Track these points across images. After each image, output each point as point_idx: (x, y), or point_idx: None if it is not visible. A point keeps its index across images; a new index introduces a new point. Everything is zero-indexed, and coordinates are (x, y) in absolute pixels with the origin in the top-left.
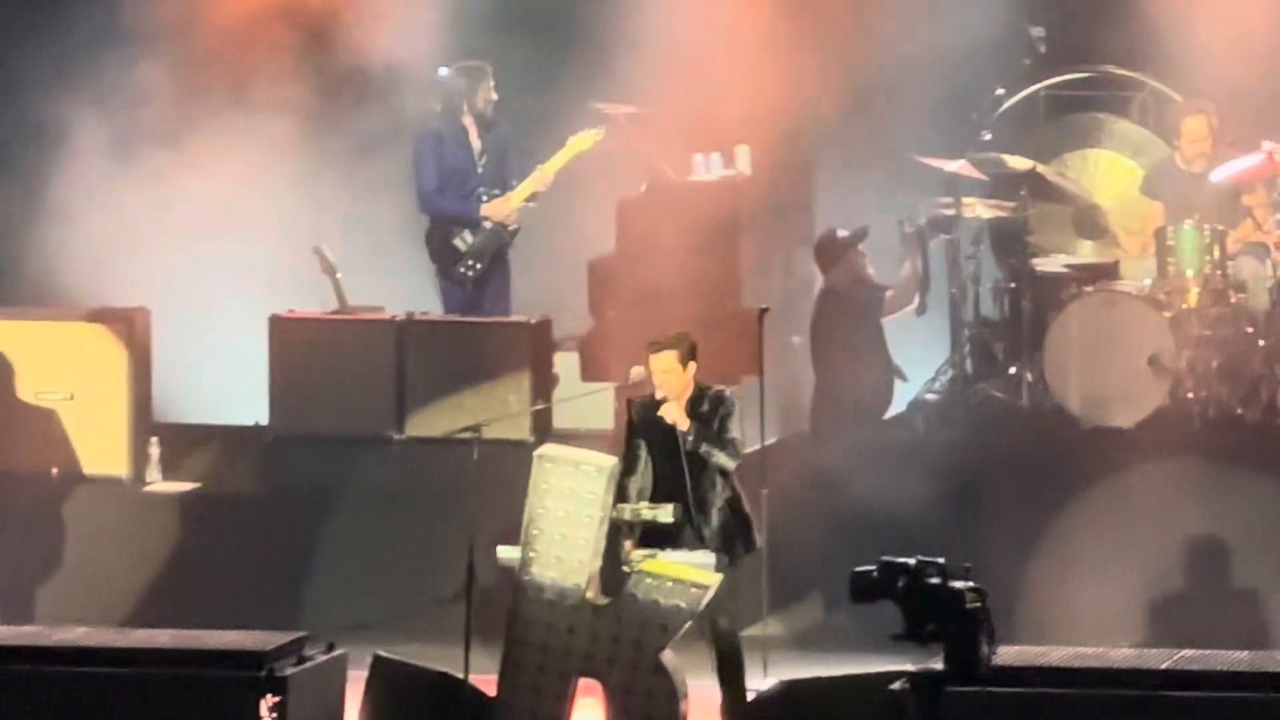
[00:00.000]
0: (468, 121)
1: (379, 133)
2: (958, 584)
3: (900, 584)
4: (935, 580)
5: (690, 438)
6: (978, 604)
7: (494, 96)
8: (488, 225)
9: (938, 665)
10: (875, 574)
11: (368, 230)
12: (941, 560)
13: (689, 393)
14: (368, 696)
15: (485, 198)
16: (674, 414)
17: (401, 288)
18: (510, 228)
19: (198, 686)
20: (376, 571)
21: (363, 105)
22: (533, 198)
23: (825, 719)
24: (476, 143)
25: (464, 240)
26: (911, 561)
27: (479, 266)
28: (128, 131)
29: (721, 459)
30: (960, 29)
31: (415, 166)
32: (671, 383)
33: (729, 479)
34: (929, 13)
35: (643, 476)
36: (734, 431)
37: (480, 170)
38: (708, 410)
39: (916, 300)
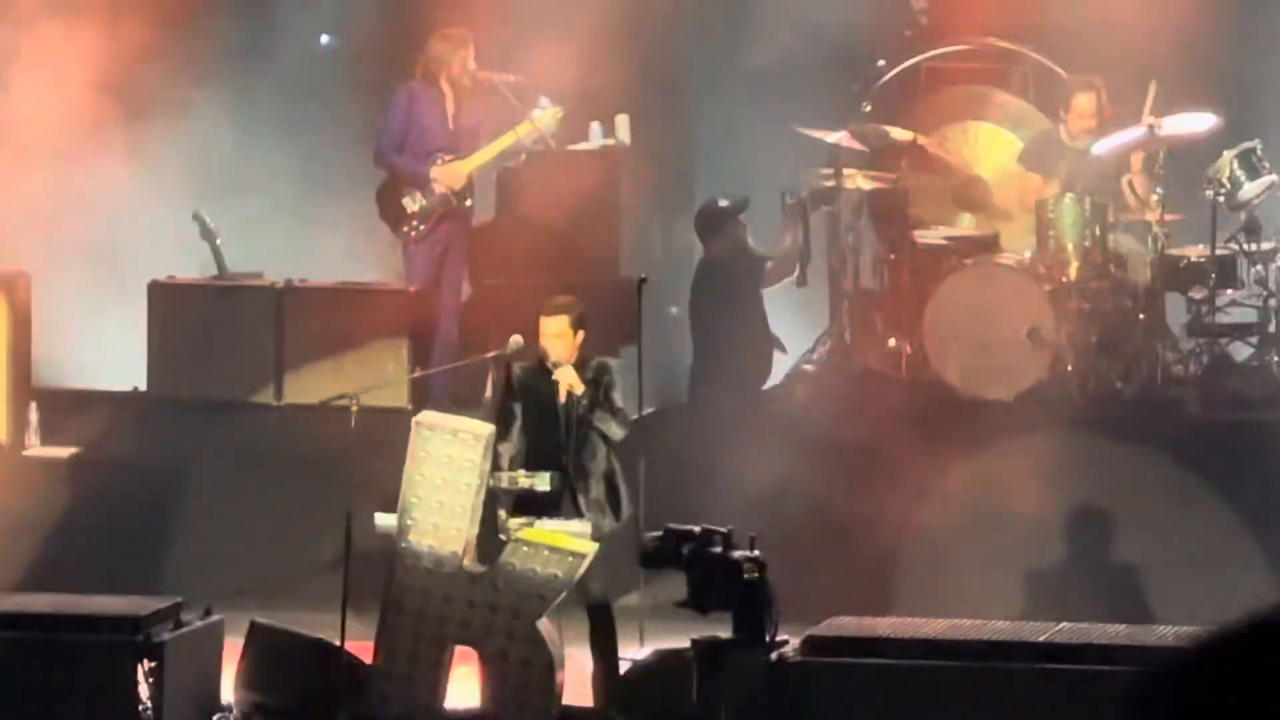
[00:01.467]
0: (445, 86)
1: (262, 92)
2: (738, 554)
3: (685, 552)
4: (717, 550)
5: (584, 404)
6: (755, 574)
7: (473, 66)
8: (438, 189)
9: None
10: (661, 541)
11: (249, 194)
12: (727, 529)
13: (573, 361)
14: (244, 662)
15: (440, 163)
16: (569, 378)
17: (282, 253)
18: (463, 198)
19: (75, 651)
20: (255, 538)
21: (245, 63)
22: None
23: (700, 688)
24: (450, 108)
25: (413, 200)
26: (696, 529)
27: (421, 228)
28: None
29: (612, 427)
30: (843, 0)
31: (384, 116)
32: (561, 347)
33: (610, 450)
34: None
35: (516, 443)
36: (619, 401)
37: (449, 136)
38: (592, 379)
39: (797, 272)
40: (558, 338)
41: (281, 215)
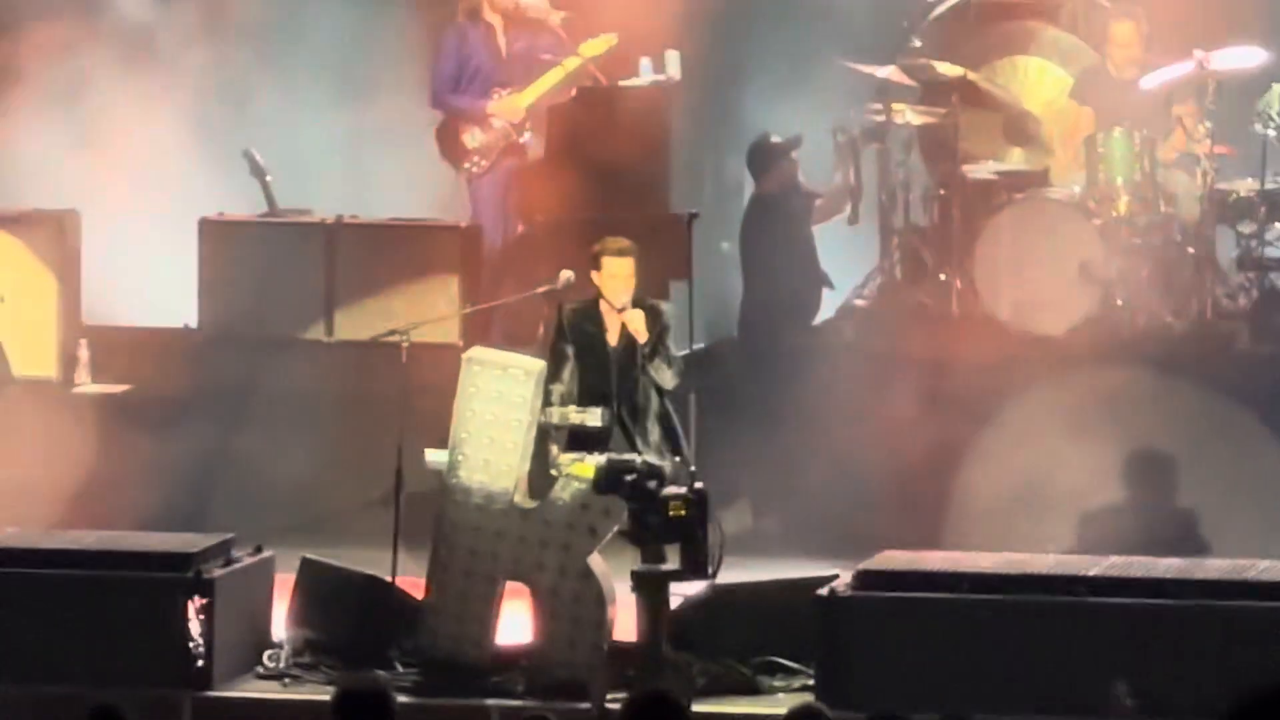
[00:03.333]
0: (494, 19)
1: (306, 33)
2: (670, 490)
3: (626, 483)
4: (652, 485)
5: (647, 350)
6: (682, 512)
7: None
8: (496, 124)
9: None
10: (607, 470)
11: (299, 134)
12: (663, 465)
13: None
14: (295, 599)
15: (497, 97)
16: (638, 323)
17: (333, 191)
18: (521, 131)
19: (126, 588)
20: (306, 475)
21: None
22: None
23: (752, 623)
24: (501, 41)
25: (473, 136)
26: (636, 461)
27: (483, 164)
28: (45, 40)
29: (666, 377)
30: None
31: (435, 60)
32: (627, 289)
33: (662, 393)
34: None
35: (568, 382)
36: (673, 349)
37: (503, 69)
38: (648, 324)
39: (849, 209)
40: (629, 278)
41: (332, 155)
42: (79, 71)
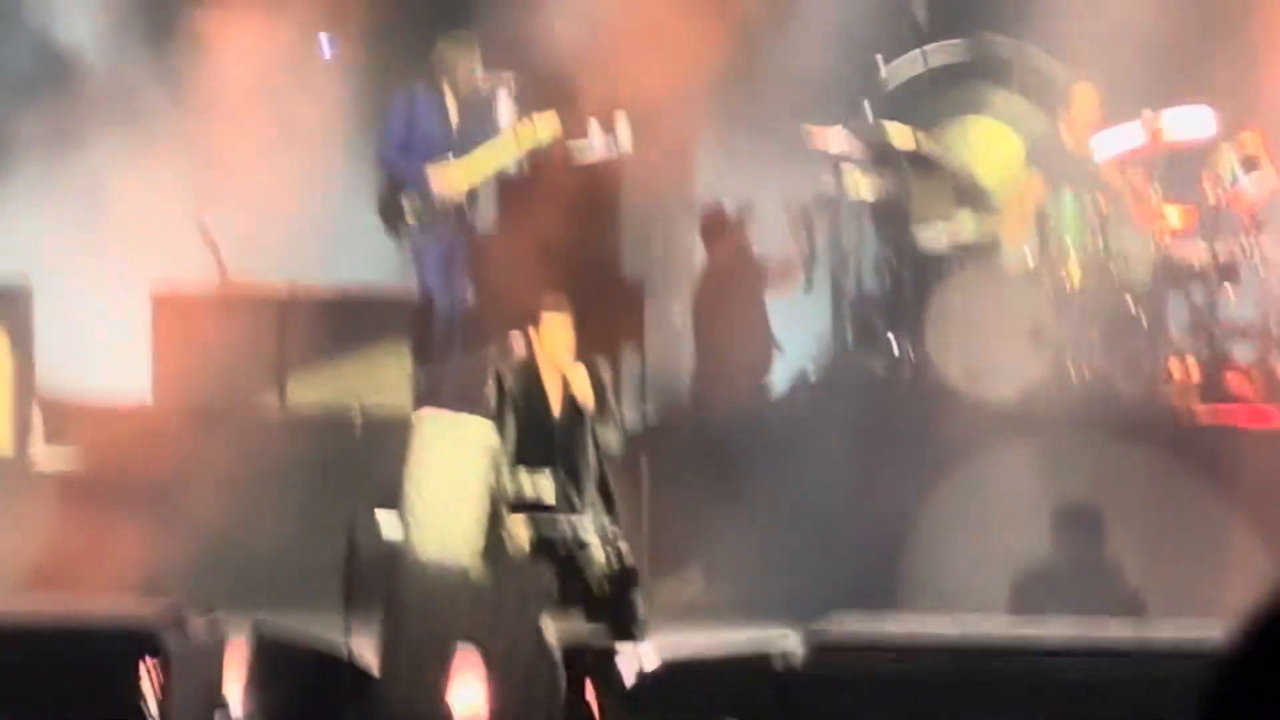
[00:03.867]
0: (448, 91)
1: (260, 93)
2: (597, 568)
3: (556, 555)
4: (579, 556)
5: (594, 412)
6: (606, 592)
7: (478, 70)
8: (436, 192)
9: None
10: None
11: (255, 196)
12: (590, 533)
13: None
14: (249, 666)
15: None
16: (582, 382)
17: (288, 252)
18: (467, 204)
19: (80, 653)
20: (261, 542)
21: (240, 67)
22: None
23: (707, 691)
24: (453, 113)
25: (411, 201)
26: (566, 533)
27: (418, 230)
28: None
29: (614, 440)
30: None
31: (386, 122)
32: (569, 343)
33: (603, 458)
34: None
35: (510, 440)
36: (614, 406)
37: (451, 141)
38: (590, 379)
39: (803, 277)
40: (565, 332)
41: (281, 219)
42: (33, 135)
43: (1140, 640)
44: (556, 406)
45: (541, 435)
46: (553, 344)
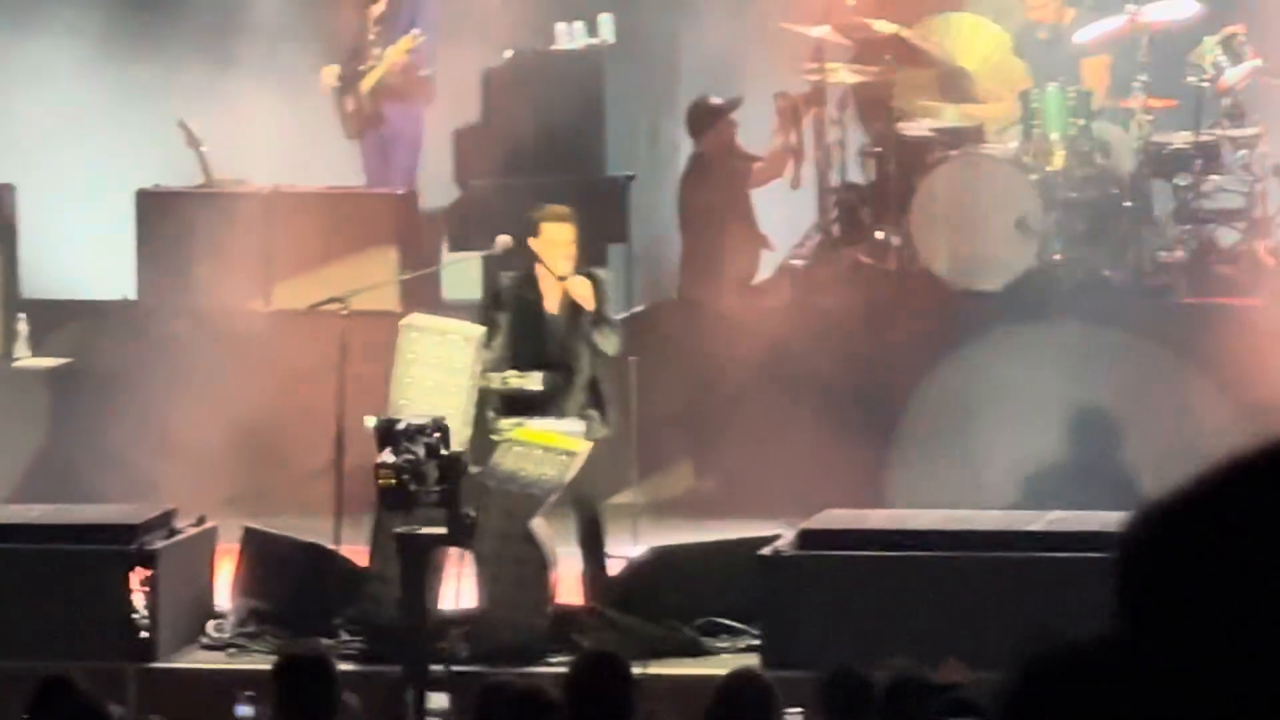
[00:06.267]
0: None
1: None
2: (384, 458)
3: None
4: (419, 447)
5: (592, 319)
6: (392, 481)
7: None
8: (363, 91)
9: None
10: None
11: (234, 102)
12: (432, 429)
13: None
14: (240, 569)
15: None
16: (584, 291)
17: (271, 158)
18: (375, 99)
19: (69, 560)
20: (248, 445)
21: None
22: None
23: (695, 584)
24: (373, 10)
25: (346, 102)
26: (403, 423)
27: (353, 128)
28: None
29: (610, 343)
30: None
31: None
32: (571, 256)
33: (595, 359)
34: None
35: (500, 349)
36: (613, 315)
37: (379, 39)
38: (593, 291)
39: (791, 172)
40: (570, 244)
41: (269, 126)
42: (7, 44)
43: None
44: (554, 310)
45: (536, 340)
46: (554, 253)
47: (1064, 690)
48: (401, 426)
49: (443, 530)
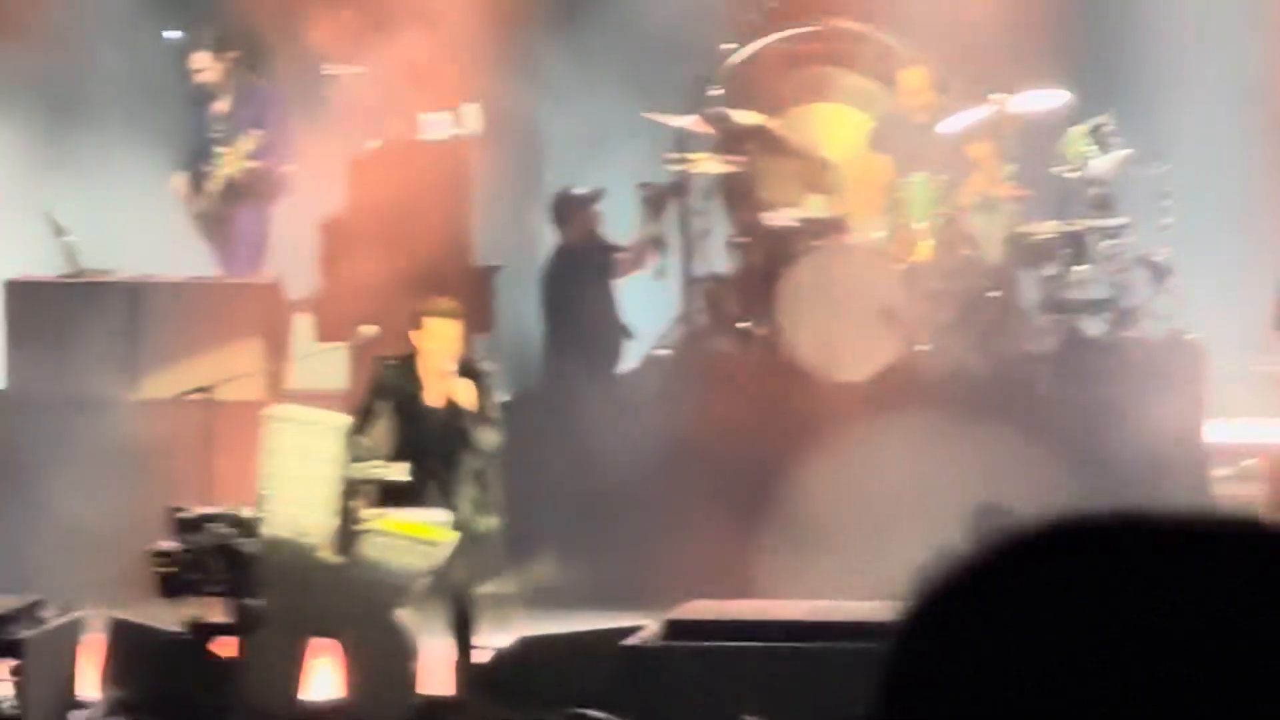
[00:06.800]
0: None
1: (105, 93)
2: (162, 545)
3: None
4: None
5: (474, 415)
6: (174, 570)
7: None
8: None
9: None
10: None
11: (102, 191)
12: (227, 519)
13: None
14: (108, 659)
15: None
16: (468, 396)
17: (138, 249)
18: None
19: None
20: (115, 530)
21: (87, 67)
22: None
23: (561, 672)
24: (224, 104)
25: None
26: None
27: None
28: None
29: (491, 440)
30: None
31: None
32: (456, 354)
33: (481, 452)
34: None
35: (377, 438)
36: (493, 410)
37: (212, 140)
38: (477, 390)
39: (656, 262)
40: (454, 342)
41: (130, 215)
42: None
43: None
44: (434, 403)
45: (416, 431)
46: (439, 348)
47: None
48: (189, 515)
49: (228, 620)
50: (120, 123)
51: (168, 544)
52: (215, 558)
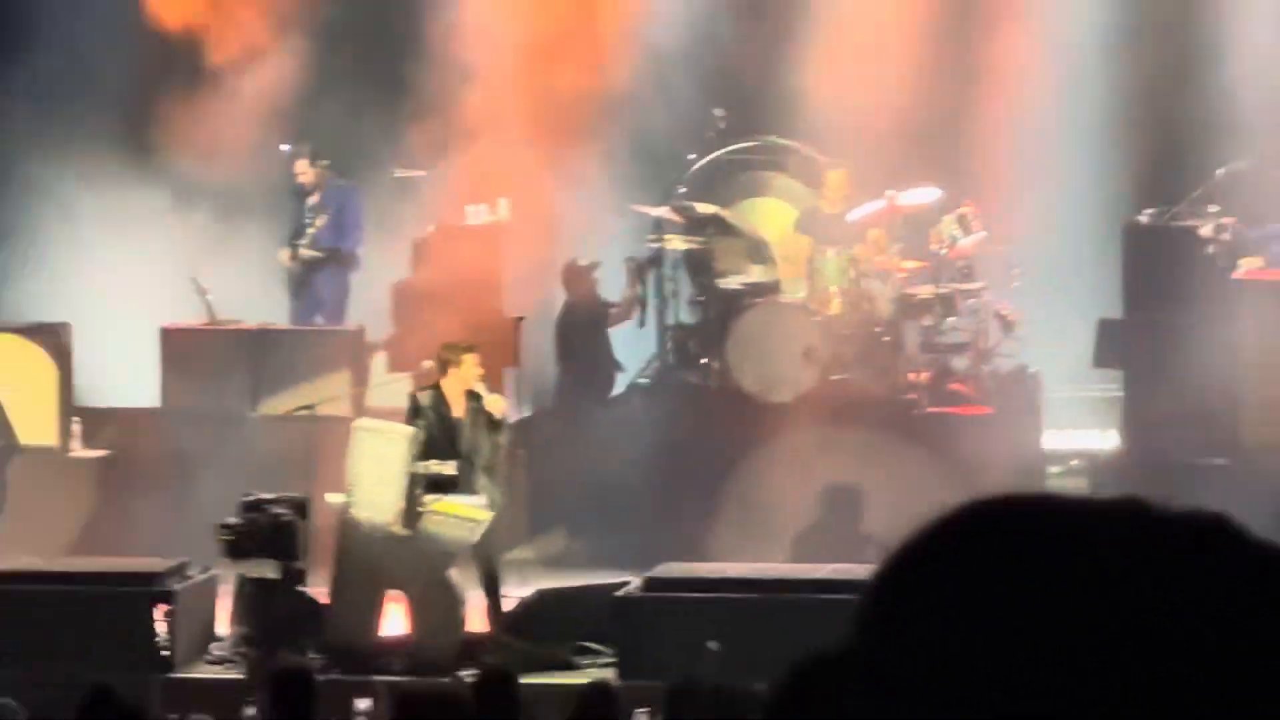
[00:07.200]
0: (312, 186)
1: (240, 190)
2: (229, 520)
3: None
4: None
5: (481, 419)
6: (230, 539)
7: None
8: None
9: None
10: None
11: (234, 256)
12: (286, 503)
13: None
14: (235, 605)
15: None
16: (500, 407)
17: (260, 301)
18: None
19: (111, 598)
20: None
21: (232, 172)
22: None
23: (568, 616)
24: (310, 201)
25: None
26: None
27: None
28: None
29: (503, 440)
30: (664, 111)
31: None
32: (483, 375)
33: (494, 450)
34: (645, 99)
35: (422, 444)
36: (506, 418)
37: (306, 224)
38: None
39: (637, 315)
40: (480, 369)
41: (253, 274)
42: (69, 206)
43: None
44: (460, 415)
45: (447, 436)
46: (472, 375)
47: (814, 686)
48: (250, 499)
49: (276, 576)
50: (244, 211)
51: (232, 520)
52: (268, 531)
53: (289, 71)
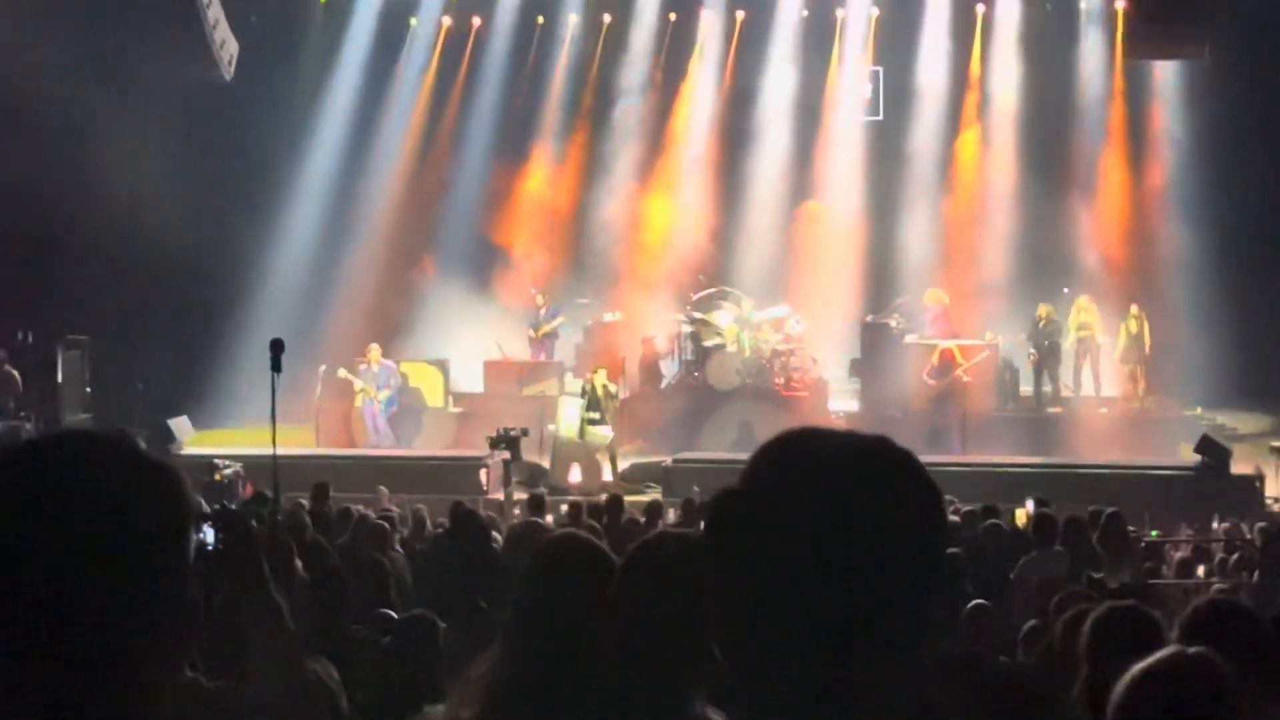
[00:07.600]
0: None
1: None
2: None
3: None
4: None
5: (615, 394)
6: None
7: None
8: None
9: None
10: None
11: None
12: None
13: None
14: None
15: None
16: (614, 391)
17: (508, 347)
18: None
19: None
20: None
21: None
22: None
23: (643, 478)
24: (539, 312)
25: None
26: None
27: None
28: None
29: (615, 406)
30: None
31: None
32: (606, 378)
33: (613, 409)
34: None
35: (585, 408)
36: (616, 399)
37: (541, 312)
38: (615, 393)
39: (668, 358)
40: (604, 376)
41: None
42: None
43: None
44: (599, 394)
45: (596, 405)
46: (603, 376)
47: (724, 502)
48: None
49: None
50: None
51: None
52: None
53: None
